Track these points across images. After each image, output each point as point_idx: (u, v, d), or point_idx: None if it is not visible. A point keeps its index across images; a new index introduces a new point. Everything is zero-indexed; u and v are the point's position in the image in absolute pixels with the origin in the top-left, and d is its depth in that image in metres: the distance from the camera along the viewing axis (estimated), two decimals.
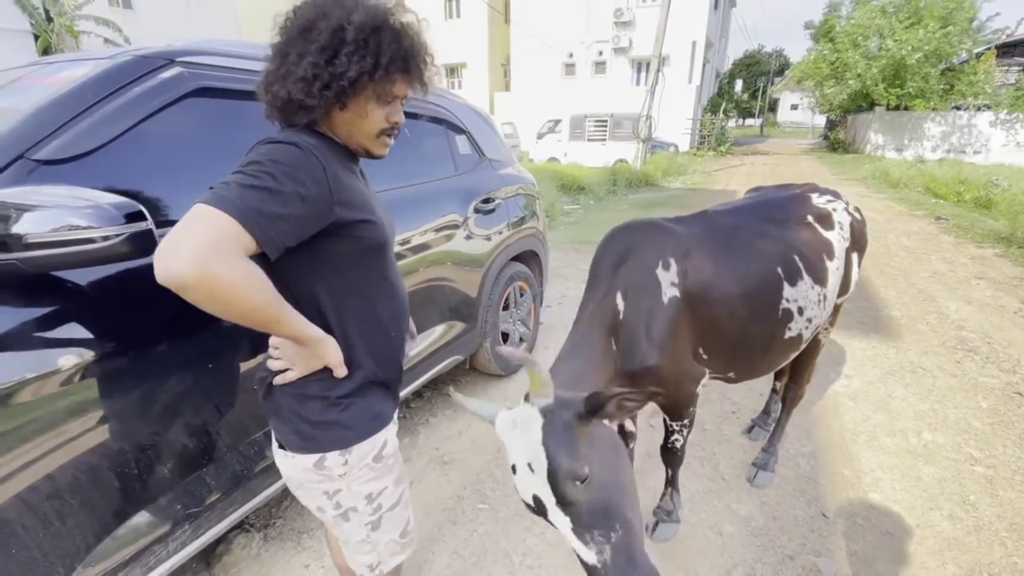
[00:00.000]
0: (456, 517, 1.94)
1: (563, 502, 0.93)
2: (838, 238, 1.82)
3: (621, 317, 1.41)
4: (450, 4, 23.97)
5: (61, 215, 0.95)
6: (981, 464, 2.23)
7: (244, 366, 1.41)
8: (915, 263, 5.43)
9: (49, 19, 14.63)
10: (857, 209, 2.02)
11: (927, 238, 6.58)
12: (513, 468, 1.00)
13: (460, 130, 2.58)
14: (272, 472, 1.53)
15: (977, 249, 6.00)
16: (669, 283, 1.43)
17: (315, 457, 0.94)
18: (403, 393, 2.11)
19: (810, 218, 1.80)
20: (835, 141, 23.13)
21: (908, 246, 6.14)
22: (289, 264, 0.85)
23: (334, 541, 1.26)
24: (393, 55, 0.87)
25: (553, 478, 0.93)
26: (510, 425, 1.01)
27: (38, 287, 1.04)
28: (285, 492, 1.82)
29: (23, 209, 0.93)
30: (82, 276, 1.10)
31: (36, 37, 14.74)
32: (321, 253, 0.87)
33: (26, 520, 1.01)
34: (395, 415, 1.07)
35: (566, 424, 0.96)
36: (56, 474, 1.04)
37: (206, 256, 0.69)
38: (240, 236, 0.73)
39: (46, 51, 14.92)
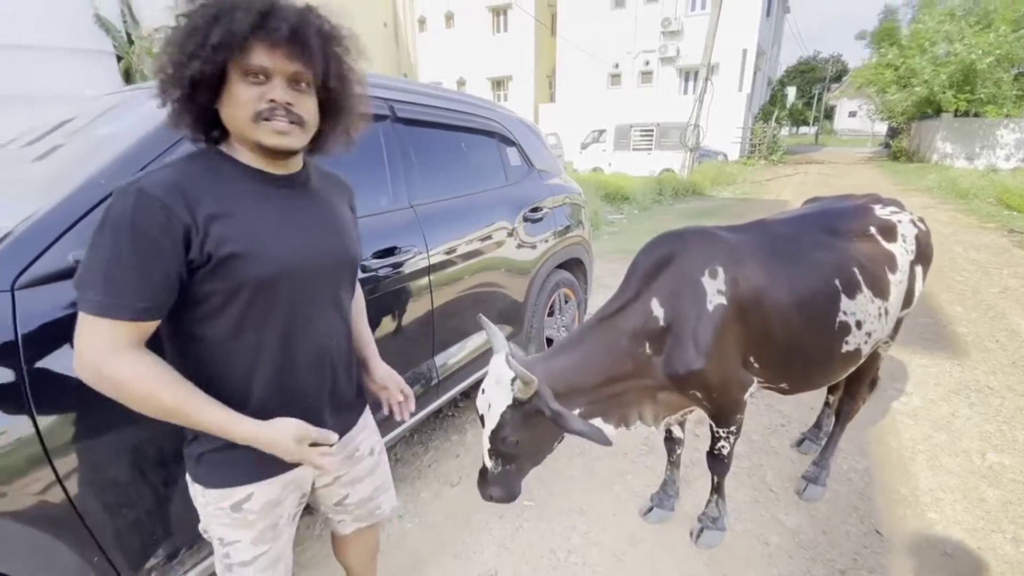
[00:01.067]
0: (503, 512, 2.01)
1: (492, 439, 1.37)
2: (901, 250, 1.79)
3: (662, 323, 1.46)
4: (497, 19, 24.49)
5: None
6: None
7: None
8: (984, 278, 5.12)
9: (131, 42, 15.97)
10: (921, 220, 1.97)
11: (998, 252, 6.18)
12: (482, 390, 1.39)
13: (511, 142, 2.69)
14: None
15: None
16: (715, 291, 1.46)
17: (188, 475, 0.97)
18: (452, 392, 2.21)
19: (872, 229, 1.78)
20: (897, 150, 21.97)
21: (977, 260, 5.80)
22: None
23: (337, 540, 1.31)
24: (236, 17, 0.77)
25: (495, 433, 1.36)
26: (495, 377, 1.35)
27: None
28: None
29: None
30: None
31: (118, 58, 16.11)
32: (187, 292, 0.83)
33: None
34: (283, 473, 0.97)
35: (527, 414, 1.32)
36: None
37: (83, 366, 0.77)
38: (112, 330, 0.76)
39: (127, 71, 16.29)
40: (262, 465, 0.94)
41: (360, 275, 1.62)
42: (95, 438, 1.09)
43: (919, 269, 1.85)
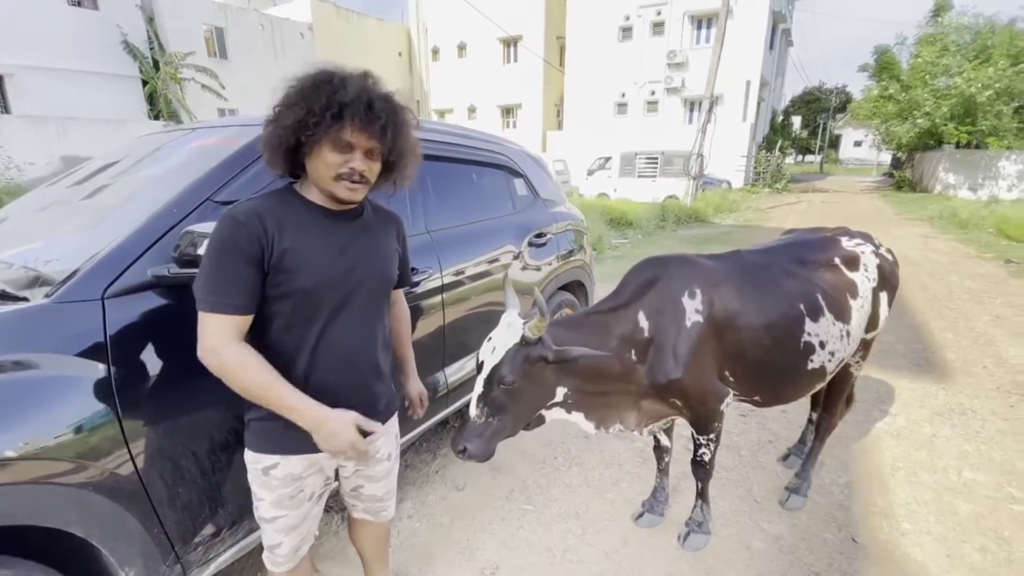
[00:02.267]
0: (505, 515, 2.17)
1: (487, 382, 1.46)
2: (863, 278, 1.98)
3: (647, 335, 1.66)
4: (508, 50, 25.36)
5: None
6: (1021, 503, 2.24)
7: None
8: (977, 306, 5.26)
9: (156, 67, 16.71)
10: (889, 251, 2.17)
11: (994, 281, 6.32)
12: (489, 338, 1.51)
13: (518, 174, 2.93)
14: None
15: None
16: (694, 310, 1.66)
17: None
18: (460, 403, 2.39)
19: (837, 260, 1.97)
20: (901, 179, 22.23)
21: (972, 288, 5.94)
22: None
23: (352, 524, 1.49)
24: (329, 104, 1.01)
25: (494, 370, 1.45)
26: (507, 322, 1.50)
27: None
28: None
29: (205, 237, 1.31)
30: None
31: (144, 82, 16.84)
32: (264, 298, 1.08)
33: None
34: (305, 453, 1.16)
35: (529, 357, 1.45)
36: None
37: (207, 353, 1.01)
38: (219, 322, 1.01)
39: (151, 96, 17.00)
40: (287, 441, 1.15)
41: None
42: (164, 425, 1.29)
43: (883, 295, 2.04)
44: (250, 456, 1.18)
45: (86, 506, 1.16)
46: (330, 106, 1.01)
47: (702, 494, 1.99)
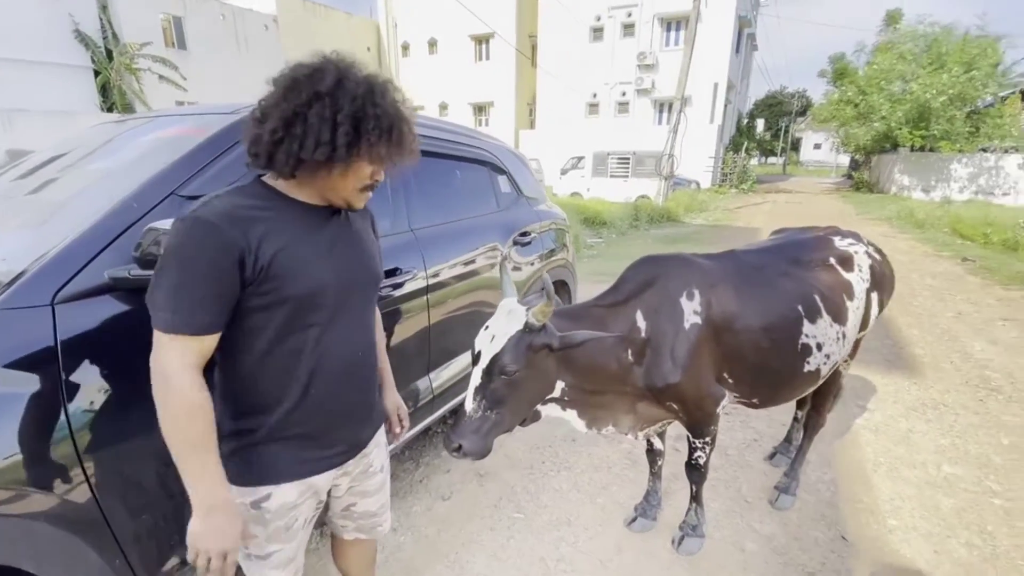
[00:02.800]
0: (494, 524, 2.09)
1: (487, 372, 1.38)
2: (858, 279, 1.98)
3: (644, 335, 1.60)
4: (480, 47, 25.21)
5: None
6: (1000, 497, 2.30)
7: None
8: (940, 303, 5.46)
9: (110, 57, 15.87)
10: (878, 250, 2.18)
11: (953, 279, 6.59)
12: (486, 327, 1.43)
13: (501, 171, 2.84)
14: None
15: (1004, 291, 5.99)
16: (692, 311, 1.61)
17: None
18: (445, 408, 2.29)
19: (832, 260, 1.96)
20: (859, 181, 23.12)
21: (933, 286, 6.17)
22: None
23: (337, 545, 1.36)
24: (389, 123, 0.94)
25: (496, 359, 1.36)
26: (507, 309, 1.42)
27: None
28: None
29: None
30: None
31: (96, 73, 15.97)
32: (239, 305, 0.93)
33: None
34: (304, 477, 1.05)
35: (533, 344, 1.38)
36: None
37: (156, 373, 0.87)
38: (179, 346, 0.86)
39: (104, 87, 16.14)
40: (281, 467, 1.03)
41: None
42: (123, 443, 1.16)
43: (874, 296, 2.04)
44: (235, 490, 1.00)
45: (37, 538, 1.02)
46: (379, 125, 0.93)
47: (696, 497, 1.95)
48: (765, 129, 41.98)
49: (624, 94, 22.12)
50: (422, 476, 2.42)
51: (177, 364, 0.87)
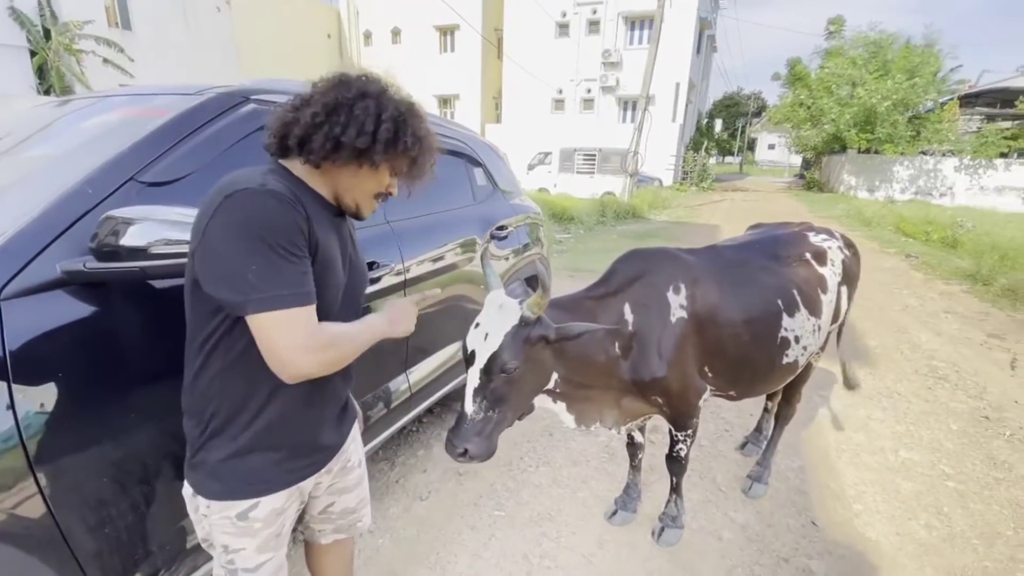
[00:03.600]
0: (474, 523, 2.05)
1: (486, 372, 1.33)
2: (831, 273, 2.04)
3: (631, 328, 1.59)
4: (444, 38, 24.86)
5: (159, 229, 1.10)
6: (953, 480, 2.43)
7: None
8: (888, 297, 5.76)
9: (47, 37, 14.75)
10: (850, 246, 2.25)
11: (899, 274, 6.97)
12: (476, 324, 1.37)
13: (477, 163, 2.79)
14: None
15: (945, 285, 6.38)
16: (678, 305, 1.62)
17: (189, 488, 0.99)
18: (423, 406, 2.23)
19: (807, 255, 2.01)
20: (810, 180, 24.16)
21: (881, 281, 6.50)
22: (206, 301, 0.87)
23: (312, 551, 1.30)
24: (421, 142, 0.99)
25: (494, 357, 1.31)
26: (497, 303, 1.37)
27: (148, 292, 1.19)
28: None
29: (129, 223, 1.08)
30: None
31: (32, 53, 14.82)
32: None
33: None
34: (295, 484, 1.02)
35: (530, 338, 1.34)
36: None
37: (306, 352, 0.84)
38: (305, 317, 0.84)
39: (41, 69, 14.99)
40: (268, 475, 0.98)
41: None
42: (80, 452, 1.05)
43: (844, 289, 2.11)
44: (216, 505, 0.96)
45: None
46: (417, 139, 0.98)
47: (676, 489, 1.98)
48: (723, 129, 43.34)
49: (589, 91, 22.31)
50: (398, 476, 2.35)
51: (312, 332, 0.85)
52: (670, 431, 1.85)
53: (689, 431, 1.82)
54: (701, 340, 1.68)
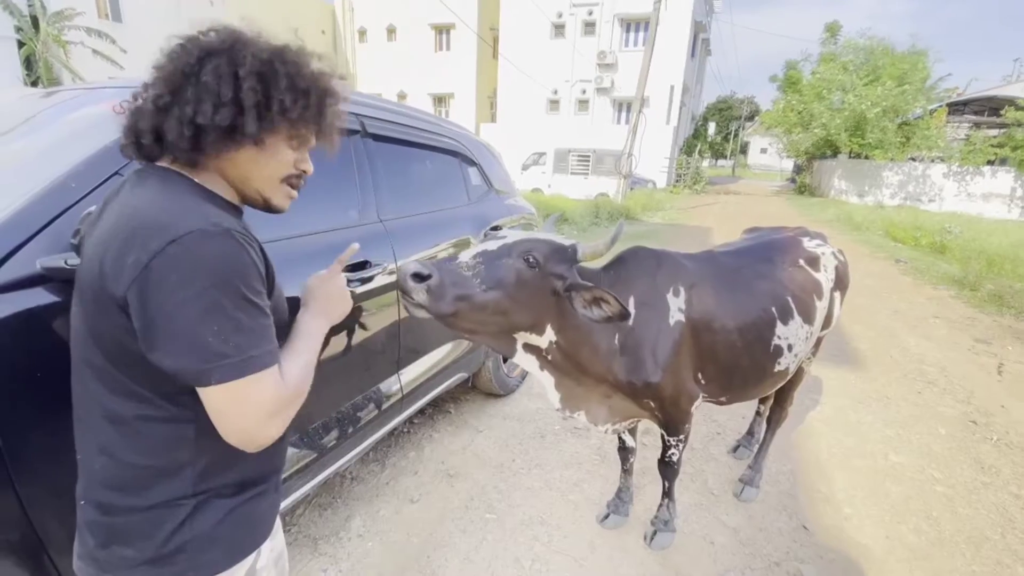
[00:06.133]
0: (465, 526, 2.03)
1: (509, 247, 1.30)
2: (825, 279, 2.04)
3: (630, 323, 1.57)
4: (440, 37, 24.79)
5: None
6: (942, 484, 2.45)
7: None
8: (877, 301, 5.81)
9: (36, 27, 14.51)
10: (840, 251, 2.26)
11: (888, 278, 7.03)
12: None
13: (472, 162, 2.77)
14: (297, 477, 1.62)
15: (933, 290, 6.45)
16: (677, 308, 1.61)
17: None
18: (415, 407, 2.21)
19: (801, 261, 2.00)
20: (802, 185, 24.37)
21: (870, 285, 6.56)
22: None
23: None
24: (307, 87, 0.79)
25: (526, 241, 1.32)
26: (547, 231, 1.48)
27: None
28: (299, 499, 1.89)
29: None
30: None
31: (20, 43, 14.56)
32: None
33: None
34: (279, 503, 0.92)
35: (558, 265, 1.33)
36: None
37: (269, 420, 0.71)
38: (273, 379, 0.71)
39: (28, 59, 14.75)
40: (270, 519, 0.87)
41: None
42: (56, 455, 1.02)
43: (837, 295, 2.12)
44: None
45: None
46: (299, 91, 0.77)
47: (668, 493, 1.96)
48: (716, 132, 43.63)
49: (584, 92, 22.34)
50: (389, 478, 2.32)
51: (278, 394, 0.72)
52: (662, 436, 1.83)
53: (681, 436, 1.81)
54: (696, 345, 1.66)
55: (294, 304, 0.94)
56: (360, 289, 1.75)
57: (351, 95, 0.94)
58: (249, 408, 0.69)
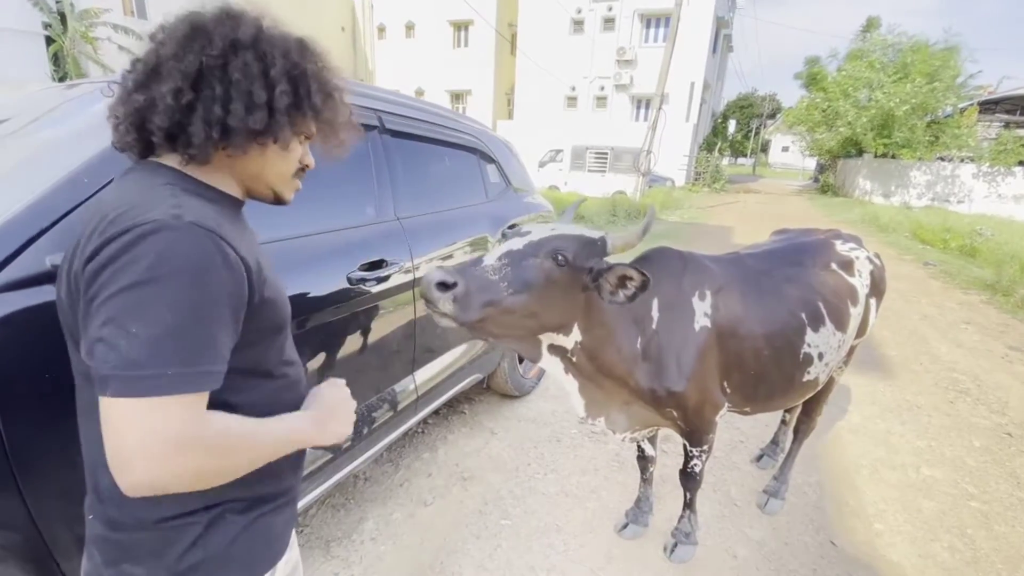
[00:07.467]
0: (479, 532, 1.99)
1: (536, 244, 1.21)
2: (860, 284, 1.94)
3: (654, 327, 1.50)
4: (458, 33, 24.75)
5: None
6: (977, 500, 2.33)
7: None
8: (906, 305, 5.62)
9: (64, 24, 14.82)
10: (877, 255, 2.15)
11: (916, 282, 6.81)
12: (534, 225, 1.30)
13: (490, 159, 2.71)
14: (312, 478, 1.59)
15: (964, 295, 6.22)
16: (703, 313, 1.54)
17: None
18: (430, 408, 2.17)
19: (834, 265, 1.90)
20: (825, 184, 23.82)
21: (899, 289, 6.35)
22: None
23: None
24: (329, 88, 0.79)
25: (556, 238, 1.23)
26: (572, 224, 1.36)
27: None
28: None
29: None
30: None
31: (48, 40, 14.89)
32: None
33: None
34: (295, 516, 0.86)
35: (585, 261, 1.24)
36: None
37: (174, 447, 0.56)
38: (192, 404, 0.59)
39: (56, 56, 15.09)
40: (285, 535, 0.82)
41: (347, 286, 1.60)
42: (65, 456, 1.00)
43: (873, 302, 2.02)
44: None
45: None
46: (326, 93, 0.77)
47: (690, 504, 1.90)
48: (737, 130, 42.91)
49: (603, 88, 22.10)
50: (402, 480, 2.29)
51: (194, 424, 0.59)
52: (684, 446, 1.77)
53: (705, 447, 1.74)
54: (722, 352, 1.59)
55: (296, 302, 0.90)
56: (379, 287, 1.71)
57: (369, 90, 0.90)
58: (137, 440, 0.55)
